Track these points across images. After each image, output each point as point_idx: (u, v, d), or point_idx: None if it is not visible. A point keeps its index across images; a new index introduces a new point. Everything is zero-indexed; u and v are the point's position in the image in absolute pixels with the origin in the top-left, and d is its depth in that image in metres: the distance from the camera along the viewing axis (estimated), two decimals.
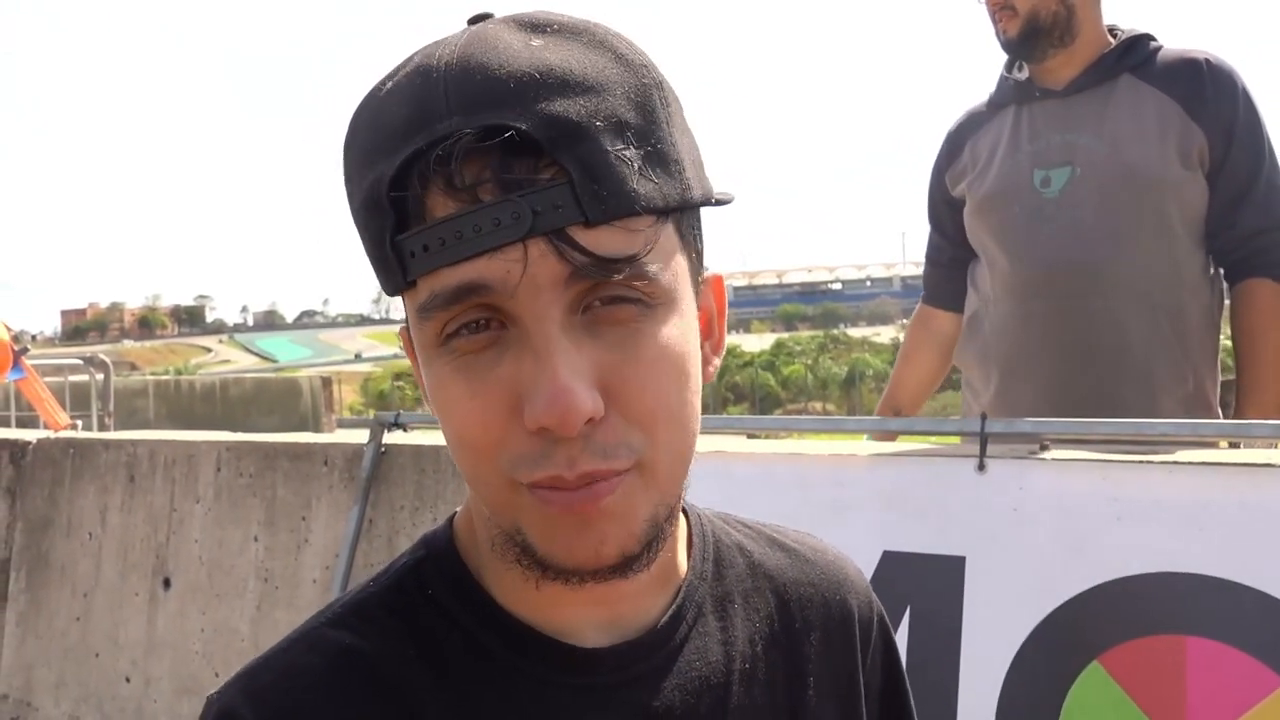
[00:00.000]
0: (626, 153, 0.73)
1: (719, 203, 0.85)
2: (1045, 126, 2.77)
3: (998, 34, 2.82)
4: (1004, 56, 2.91)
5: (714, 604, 0.93)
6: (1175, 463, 2.03)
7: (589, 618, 0.87)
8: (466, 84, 0.72)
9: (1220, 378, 2.81)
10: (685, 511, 0.97)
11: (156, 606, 3.87)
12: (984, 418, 2.21)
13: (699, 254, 0.83)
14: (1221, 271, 2.77)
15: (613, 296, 0.74)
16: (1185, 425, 2.43)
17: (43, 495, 4.36)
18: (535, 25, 0.76)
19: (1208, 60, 2.69)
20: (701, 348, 0.84)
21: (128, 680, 3.92)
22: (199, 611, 3.74)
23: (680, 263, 0.79)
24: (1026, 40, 2.76)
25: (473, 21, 0.80)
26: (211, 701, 0.82)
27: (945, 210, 3.02)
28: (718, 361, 0.88)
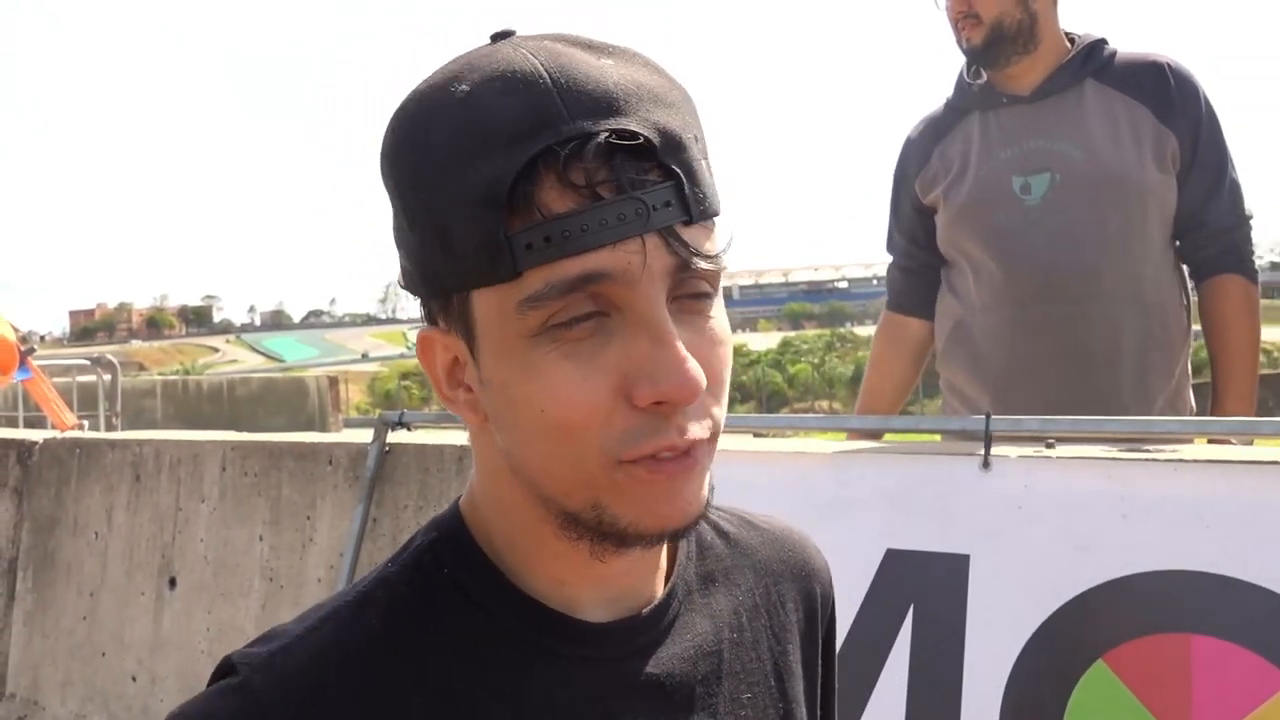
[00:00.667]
0: (704, 162, 0.83)
1: None
2: (1017, 132, 2.80)
3: (959, 41, 2.86)
4: (959, 61, 2.95)
5: (700, 581, 1.01)
6: (1181, 460, 2.02)
7: (594, 596, 0.92)
8: (580, 92, 0.79)
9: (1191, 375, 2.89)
10: None
11: (162, 606, 3.88)
12: (989, 416, 2.20)
13: None
14: (1185, 268, 2.84)
15: (694, 290, 0.83)
16: (1190, 423, 2.43)
17: (49, 495, 4.36)
18: (589, 45, 0.84)
19: (1169, 64, 2.76)
20: None
21: (134, 679, 3.92)
22: (204, 611, 3.74)
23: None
24: (991, 48, 2.80)
25: (496, 38, 0.86)
26: (240, 674, 0.84)
27: (916, 217, 3.03)
28: None
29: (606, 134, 0.77)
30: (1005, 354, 2.78)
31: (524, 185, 0.77)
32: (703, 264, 0.80)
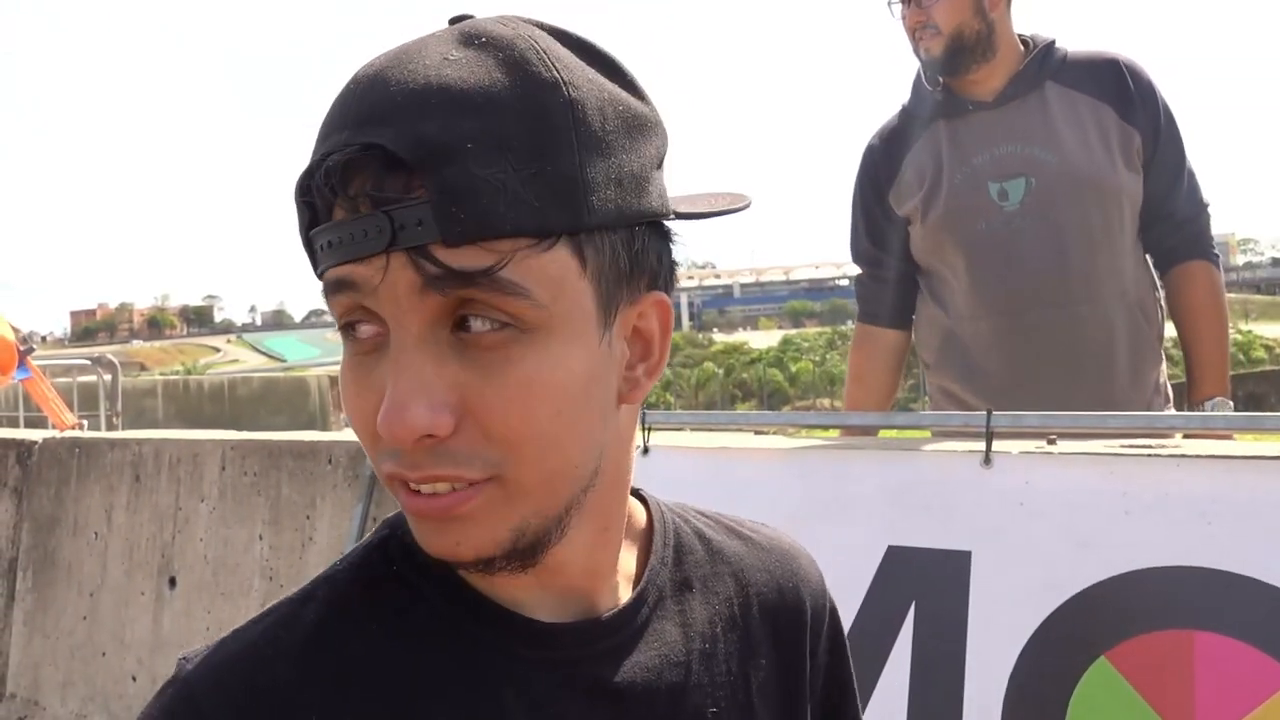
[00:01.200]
0: (500, 175, 0.74)
1: (680, 217, 0.87)
2: (987, 139, 2.82)
3: (918, 52, 2.88)
4: (912, 68, 2.99)
5: (674, 588, 0.97)
6: (1183, 456, 2.01)
7: (537, 597, 0.89)
8: (364, 99, 0.76)
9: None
10: (645, 501, 1.01)
11: (162, 605, 3.87)
12: (989, 412, 2.20)
13: (630, 274, 0.83)
14: (1150, 259, 2.89)
15: (481, 316, 0.76)
16: (1194, 418, 2.42)
17: (49, 495, 4.36)
18: (468, 38, 0.79)
19: (1124, 61, 2.81)
20: (634, 369, 0.87)
21: (134, 679, 3.92)
22: (204, 610, 3.74)
23: (577, 288, 0.79)
24: (952, 58, 2.83)
25: (453, 21, 0.83)
26: (179, 669, 0.84)
27: (888, 227, 3.02)
28: (649, 384, 0.89)
29: (354, 146, 0.74)
30: (1001, 361, 2.79)
31: (311, 194, 0.77)
32: (453, 282, 0.74)
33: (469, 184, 0.73)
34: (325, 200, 0.77)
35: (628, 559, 0.96)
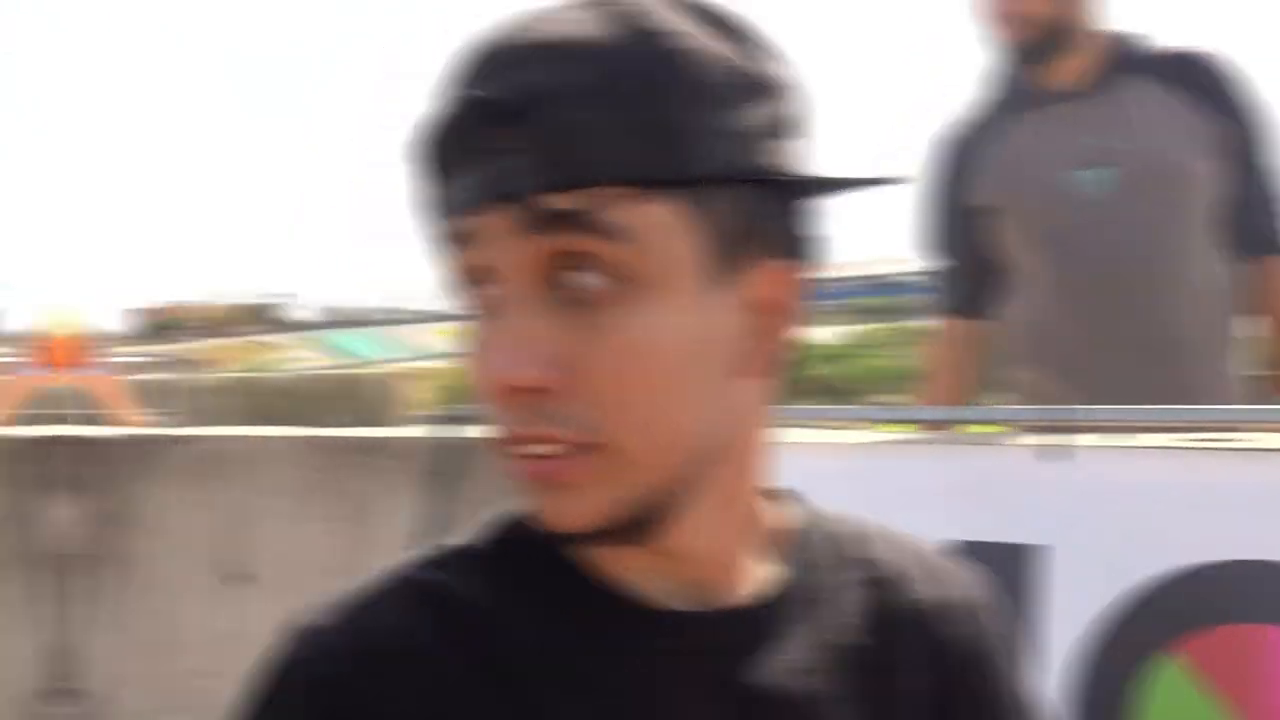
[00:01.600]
0: (598, 121, 0.73)
1: (804, 180, 0.83)
2: (1071, 130, 2.80)
3: (1002, 40, 2.86)
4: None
5: (810, 592, 0.91)
6: (1257, 449, 1.99)
7: (664, 587, 0.85)
8: (476, 60, 0.78)
9: None
10: (786, 500, 0.96)
11: (232, 602, 3.91)
12: (1064, 406, 2.19)
13: (746, 235, 0.80)
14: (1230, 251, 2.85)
15: (583, 268, 0.75)
16: (1274, 412, 2.40)
17: (117, 492, 4.41)
18: (587, 2, 0.79)
19: (1208, 54, 2.81)
20: (757, 341, 0.83)
21: (205, 676, 3.96)
22: (275, 606, 3.77)
23: (681, 241, 0.77)
24: (1040, 46, 2.80)
25: None
26: (301, 617, 0.85)
27: (969, 221, 2.98)
28: (775, 359, 0.85)
29: (456, 104, 0.76)
30: (1087, 352, 2.76)
31: (419, 159, 0.79)
32: (552, 221, 0.74)
33: (567, 130, 0.73)
34: (438, 161, 0.78)
35: (761, 558, 0.90)
